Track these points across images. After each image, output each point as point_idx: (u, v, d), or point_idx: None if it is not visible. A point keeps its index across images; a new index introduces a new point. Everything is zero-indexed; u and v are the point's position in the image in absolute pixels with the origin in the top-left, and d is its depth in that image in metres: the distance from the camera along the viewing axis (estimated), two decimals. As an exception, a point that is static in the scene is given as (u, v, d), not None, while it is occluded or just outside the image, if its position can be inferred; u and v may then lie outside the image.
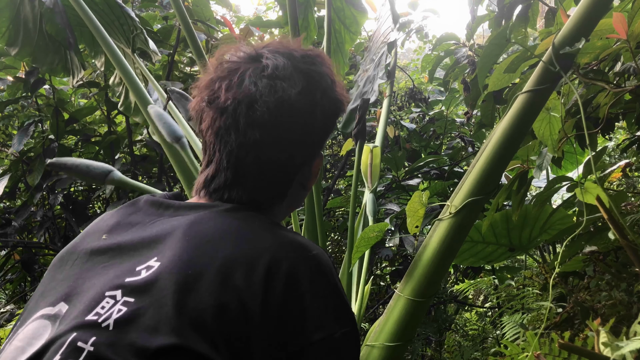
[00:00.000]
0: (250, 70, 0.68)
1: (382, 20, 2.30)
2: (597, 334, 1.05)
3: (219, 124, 0.69)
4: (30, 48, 2.02)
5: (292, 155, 0.72)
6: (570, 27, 1.17)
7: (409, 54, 5.63)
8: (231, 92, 0.67)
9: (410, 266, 1.39)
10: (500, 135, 1.27)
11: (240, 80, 0.68)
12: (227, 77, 0.69)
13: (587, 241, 1.73)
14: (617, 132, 3.45)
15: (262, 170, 0.70)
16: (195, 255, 0.60)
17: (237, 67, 0.69)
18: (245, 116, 0.67)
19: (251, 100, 0.67)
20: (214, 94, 0.69)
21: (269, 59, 0.69)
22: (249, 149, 0.68)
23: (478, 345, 2.70)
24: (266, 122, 0.67)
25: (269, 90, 0.67)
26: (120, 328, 0.55)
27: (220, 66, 0.71)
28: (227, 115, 0.68)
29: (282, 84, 0.67)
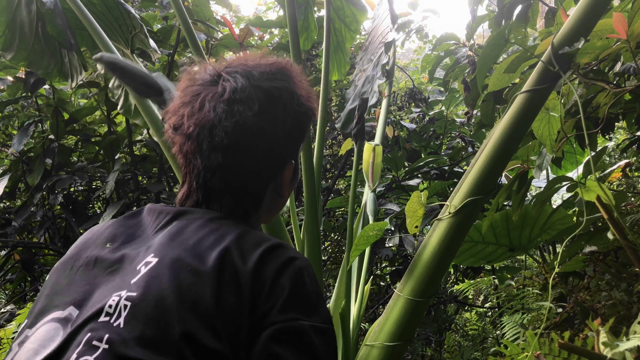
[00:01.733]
0: (210, 95, 0.72)
1: (380, 20, 2.29)
2: (597, 334, 1.05)
3: (186, 148, 0.73)
4: (25, 52, 2.02)
5: (258, 172, 0.75)
6: (569, 27, 1.17)
7: (409, 54, 5.63)
8: (193, 119, 0.72)
9: (410, 266, 1.39)
10: (499, 135, 1.27)
11: (201, 106, 0.72)
12: (189, 102, 0.73)
13: (587, 241, 1.72)
14: (617, 132, 3.45)
15: (230, 190, 0.74)
16: (188, 253, 0.65)
17: (199, 91, 0.73)
18: (207, 141, 0.71)
19: (211, 126, 0.70)
20: (179, 120, 0.73)
21: (228, 81, 0.72)
22: (214, 171, 0.72)
23: (478, 345, 2.70)
24: (226, 145, 0.70)
25: (226, 115, 0.70)
26: (130, 324, 0.58)
27: (185, 91, 0.75)
28: (192, 141, 0.72)
29: (239, 107, 0.70)
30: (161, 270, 0.62)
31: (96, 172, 3.06)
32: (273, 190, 0.79)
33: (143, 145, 3.16)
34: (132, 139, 2.87)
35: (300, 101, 0.77)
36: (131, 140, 2.84)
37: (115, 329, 0.58)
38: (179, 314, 0.58)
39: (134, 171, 2.81)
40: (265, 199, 0.78)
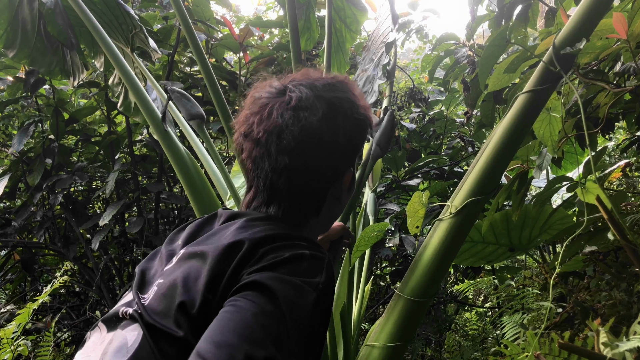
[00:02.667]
0: (277, 104, 0.79)
1: (382, 20, 2.30)
2: (597, 334, 1.06)
3: (255, 153, 0.80)
4: (27, 50, 2.02)
5: (321, 174, 0.82)
6: (570, 28, 1.18)
7: (409, 54, 5.63)
8: (262, 126, 0.79)
9: (411, 266, 1.39)
10: (500, 136, 1.27)
11: (269, 114, 0.79)
12: (258, 112, 0.80)
13: (587, 241, 1.73)
14: (617, 132, 3.45)
15: (294, 191, 0.80)
16: (209, 245, 0.75)
17: (267, 102, 0.80)
18: (275, 145, 0.78)
19: (279, 131, 0.77)
20: (249, 128, 0.81)
21: (293, 92, 0.80)
22: (280, 173, 0.79)
23: (478, 345, 2.70)
24: (293, 148, 0.77)
25: (293, 120, 0.77)
26: (153, 300, 0.72)
27: (254, 103, 0.82)
28: (261, 146, 0.79)
29: (305, 113, 0.78)
30: (181, 261, 0.74)
31: (96, 172, 3.06)
32: (332, 196, 0.84)
33: (143, 145, 3.16)
34: (132, 139, 2.87)
35: (359, 110, 0.84)
36: (131, 140, 2.84)
37: (143, 303, 0.72)
38: (180, 291, 0.69)
39: (134, 171, 2.81)
40: (326, 203, 0.84)
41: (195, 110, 1.57)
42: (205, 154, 1.87)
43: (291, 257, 0.68)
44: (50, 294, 2.06)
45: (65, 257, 2.88)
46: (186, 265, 0.72)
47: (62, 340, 3.06)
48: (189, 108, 1.57)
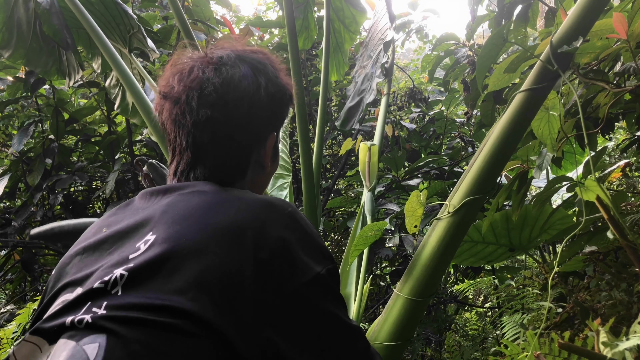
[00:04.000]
0: (199, 63, 0.78)
1: (380, 16, 2.29)
2: (597, 334, 1.05)
3: (175, 111, 0.77)
4: (23, 50, 2.01)
5: (244, 131, 0.79)
6: (567, 26, 1.17)
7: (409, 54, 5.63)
8: (182, 82, 0.77)
9: (409, 266, 1.39)
10: (498, 134, 1.27)
11: (190, 71, 0.77)
12: (178, 71, 0.78)
13: (587, 241, 1.72)
14: (617, 132, 3.44)
15: (218, 147, 0.78)
16: (184, 228, 0.67)
17: (188, 62, 0.79)
18: (197, 98, 0.76)
19: (200, 84, 0.76)
20: (169, 87, 0.78)
21: (214, 53, 0.79)
22: (203, 127, 0.76)
23: (478, 345, 2.70)
24: (215, 100, 0.75)
25: (214, 73, 0.76)
26: (128, 291, 0.61)
27: (174, 66, 0.80)
28: (181, 103, 0.76)
29: (226, 68, 0.77)
30: (155, 244, 0.65)
31: (96, 172, 3.06)
32: (256, 162, 0.82)
33: (143, 145, 3.16)
34: (132, 139, 2.87)
35: (280, 76, 0.83)
36: (131, 140, 2.84)
37: (113, 296, 0.61)
38: (179, 286, 0.61)
39: (134, 171, 2.81)
40: (250, 168, 0.82)
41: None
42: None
43: (319, 245, 0.71)
44: (49, 294, 2.05)
45: (65, 257, 2.88)
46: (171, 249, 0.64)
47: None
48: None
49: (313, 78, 3.28)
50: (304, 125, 1.67)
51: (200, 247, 0.63)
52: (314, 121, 3.16)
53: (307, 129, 1.68)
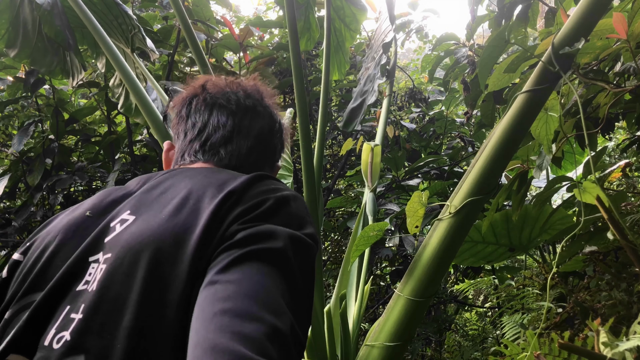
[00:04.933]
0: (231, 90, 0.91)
1: (384, 18, 2.30)
2: (597, 334, 1.05)
3: (219, 96, 0.88)
4: (28, 50, 2.02)
5: (273, 134, 0.91)
6: (569, 27, 1.17)
7: (409, 54, 5.63)
8: (227, 80, 0.91)
9: (410, 266, 1.39)
10: (499, 135, 1.27)
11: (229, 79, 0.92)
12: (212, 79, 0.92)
13: (587, 241, 1.72)
14: (617, 132, 3.45)
15: (252, 133, 0.86)
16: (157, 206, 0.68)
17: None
18: (243, 92, 0.88)
19: (245, 87, 0.90)
20: (209, 84, 0.89)
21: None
22: (244, 112, 0.87)
23: (478, 345, 2.70)
24: (259, 99, 0.90)
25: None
26: (101, 296, 0.59)
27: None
28: (228, 93, 0.88)
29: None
30: (138, 225, 0.65)
31: (96, 172, 3.06)
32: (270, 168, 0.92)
33: (143, 145, 3.16)
34: (132, 139, 2.87)
35: (277, 115, 0.94)
36: (131, 140, 2.84)
37: (90, 294, 0.59)
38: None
39: (134, 171, 2.81)
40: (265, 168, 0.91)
41: (195, 110, 1.57)
42: (205, 154, 1.86)
43: (279, 201, 0.65)
44: (50, 294, 2.06)
45: (65, 257, 2.88)
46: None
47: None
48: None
49: (313, 78, 3.28)
50: (305, 125, 1.67)
51: (179, 209, 0.66)
52: (314, 121, 3.16)
53: (308, 128, 1.69)
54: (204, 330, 0.50)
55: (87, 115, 3.02)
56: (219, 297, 0.52)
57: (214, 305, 0.52)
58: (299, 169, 3.10)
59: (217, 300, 0.52)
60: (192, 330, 0.52)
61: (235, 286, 0.53)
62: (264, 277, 0.55)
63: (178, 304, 0.56)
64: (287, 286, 0.56)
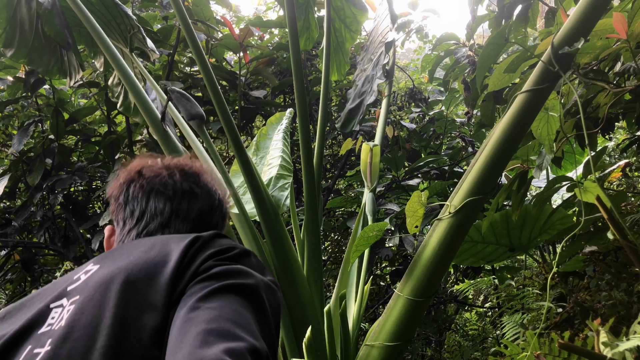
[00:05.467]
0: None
1: (380, 19, 2.30)
2: (597, 334, 1.05)
3: (156, 181, 0.88)
4: (26, 50, 2.02)
5: (214, 213, 0.92)
6: (569, 27, 1.17)
7: (409, 54, 5.63)
8: (163, 162, 0.92)
9: (410, 266, 1.39)
10: (499, 135, 1.27)
11: (164, 160, 0.93)
12: (149, 159, 0.93)
13: (587, 241, 1.72)
14: (617, 132, 3.45)
15: (189, 215, 0.88)
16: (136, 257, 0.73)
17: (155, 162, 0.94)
18: (179, 174, 0.89)
19: (182, 166, 0.91)
20: (145, 166, 0.90)
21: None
22: (182, 196, 0.88)
23: (478, 345, 2.70)
24: (195, 180, 0.90)
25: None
26: (71, 327, 0.62)
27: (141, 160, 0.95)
28: (163, 175, 0.88)
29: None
30: (103, 271, 0.69)
31: (96, 172, 3.06)
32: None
33: (143, 145, 3.15)
34: (132, 139, 2.87)
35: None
36: (131, 140, 2.84)
37: (56, 332, 0.62)
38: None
39: (134, 171, 2.80)
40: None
41: (195, 110, 1.57)
42: (204, 154, 1.86)
43: (243, 252, 0.72)
44: (50, 294, 2.06)
45: (65, 257, 2.88)
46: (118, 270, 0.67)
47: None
48: (189, 108, 1.56)
49: (313, 78, 3.28)
50: (305, 125, 1.67)
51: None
52: (314, 121, 3.16)
53: (307, 128, 1.68)
54: (189, 346, 0.54)
55: (87, 115, 3.02)
56: (201, 319, 0.57)
57: (198, 326, 0.57)
58: (299, 169, 3.10)
59: (200, 322, 0.57)
60: (174, 349, 0.56)
61: (217, 311, 0.59)
62: (240, 307, 0.61)
63: (153, 329, 0.60)
64: (257, 318, 0.63)
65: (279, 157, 1.80)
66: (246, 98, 2.96)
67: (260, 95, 2.92)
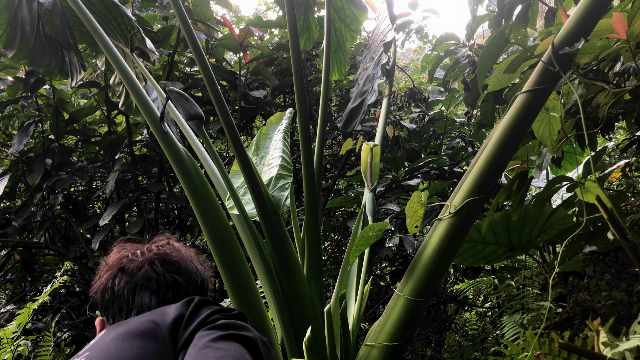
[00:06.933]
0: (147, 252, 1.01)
1: (382, 18, 2.30)
2: (597, 334, 1.05)
3: (139, 276, 0.94)
4: (27, 50, 2.02)
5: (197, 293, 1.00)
6: (569, 28, 1.17)
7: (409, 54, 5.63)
8: (144, 255, 0.99)
9: (410, 266, 1.39)
10: (499, 135, 1.27)
11: (145, 249, 1.01)
12: (130, 251, 1.00)
13: (587, 241, 1.72)
14: (617, 132, 3.45)
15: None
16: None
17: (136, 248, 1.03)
18: (161, 265, 0.96)
19: (162, 255, 0.98)
20: (126, 260, 0.97)
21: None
22: (166, 288, 0.94)
23: (478, 345, 2.70)
24: (177, 268, 0.98)
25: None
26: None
27: (120, 251, 1.03)
28: (144, 269, 0.95)
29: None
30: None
31: (96, 172, 3.06)
32: None
33: (143, 145, 3.16)
34: (132, 139, 2.87)
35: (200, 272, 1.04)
36: (131, 140, 2.84)
37: None
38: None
39: (134, 171, 2.81)
40: None
41: (194, 110, 1.57)
42: (204, 154, 1.86)
43: (242, 314, 0.83)
44: (50, 294, 2.06)
45: (65, 257, 2.88)
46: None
47: (62, 340, 3.06)
48: (188, 108, 1.56)
49: (313, 78, 3.28)
50: (305, 125, 1.67)
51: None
52: (314, 121, 3.16)
53: (308, 128, 1.68)
54: None
55: (87, 115, 3.02)
56: (212, 355, 0.68)
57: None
58: (299, 169, 3.10)
59: (211, 357, 0.68)
60: None
61: (224, 351, 0.70)
62: (243, 352, 0.72)
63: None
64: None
65: (279, 157, 1.80)
66: (246, 98, 2.96)
67: (260, 95, 2.92)
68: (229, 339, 0.73)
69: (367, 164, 1.92)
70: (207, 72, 1.52)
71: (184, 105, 1.57)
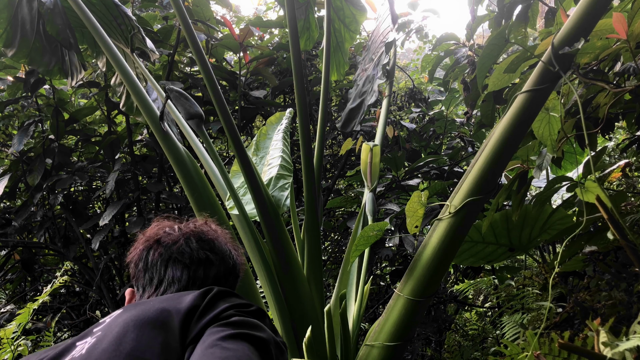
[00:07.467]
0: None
1: (382, 20, 2.30)
2: (597, 334, 1.05)
3: (172, 249, 0.94)
4: (27, 50, 2.02)
5: (229, 277, 0.99)
6: (569, 28, 1.18)
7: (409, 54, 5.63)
8: (180, 230, 0.99)
9: (410, 266, 1.39)
10: (499, 135, 1.27)
11: (182, 226, 1.01)
12: (167, 226, 1.00)
13: (587, 241, 1.72)
14: (617, 132, 3.45)
15: (206, 283, 0.95)
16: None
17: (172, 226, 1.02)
18: (196, 241, 0.96)
19: (198, 233, 0.98)
20: (162, 234, 0.97)
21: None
22: (198, 264, 0.95)
23: (478, 345, 2.70)
24: (212, 247, 0.97)
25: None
26: (90, 353, 0.72)
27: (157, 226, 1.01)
28: (179, 243, 0.95)
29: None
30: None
31: (96, 172, 3.06)
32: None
33: (143, 145, 3.16)
34: (132, 139, 2.87)
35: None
36: (131, 140, 2.84)
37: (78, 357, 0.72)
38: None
39: (134, 171, 2.81)
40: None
41: (194, 109, 1.57)
42: (204, 154, 1.86)
43: (260, 311, 0.81)
44: (50, 294, 2.06)
45: (65, 257, 2.88)
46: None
47: (62, 340, 3.06)
48: (188, 107, 1.56)
49: (313, 78, 3.28)
50: (305, 125, 1.67)
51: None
52: (314, 121, 3.16)
53: (308, 128, 1.68)
54: None
55: (87, 115, 3.02)
56: (217, 355, 0.67)
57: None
58: (299, 169, 3.10)
59: (216, 357, 0.67)
60: None
61: (232, 352, 0.68)
62: (252, 354, 0.70)
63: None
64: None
65: (279, 157, 1.80)
66: (246, 98, 2.96)
67: (260, 95, 2.92)
68: (239, 339, 0.71)
69: (367, 163, 1.92)
70: (207, 71, 1.52)
71: (183, 104, 1.57)
